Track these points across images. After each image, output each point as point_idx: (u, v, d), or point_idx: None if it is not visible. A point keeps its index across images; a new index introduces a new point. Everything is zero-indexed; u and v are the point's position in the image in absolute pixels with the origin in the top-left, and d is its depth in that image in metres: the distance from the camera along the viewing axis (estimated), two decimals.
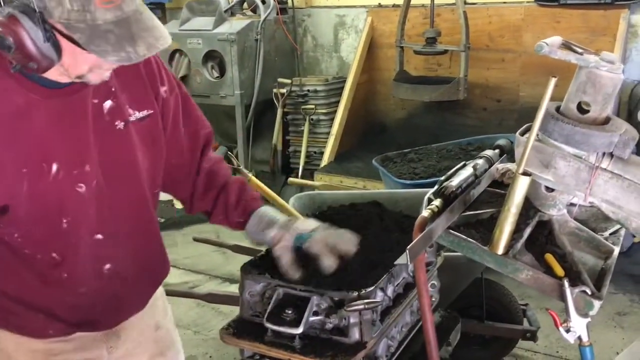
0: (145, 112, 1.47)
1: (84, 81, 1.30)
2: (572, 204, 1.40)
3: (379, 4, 5.17)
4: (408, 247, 1.15)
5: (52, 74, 1.26)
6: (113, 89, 1.42)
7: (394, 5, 4.99)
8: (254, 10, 5.38)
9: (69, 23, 1.15)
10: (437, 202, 1.35)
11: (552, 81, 1.15)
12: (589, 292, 1.19)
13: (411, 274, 1.63)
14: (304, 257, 1.51)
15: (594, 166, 1.25)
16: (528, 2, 4.52)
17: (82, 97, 1.37)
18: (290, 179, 4.70)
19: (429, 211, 1.31)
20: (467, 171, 1.50)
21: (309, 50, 5.74)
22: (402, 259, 1.16)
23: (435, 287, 1.82)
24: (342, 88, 5.03)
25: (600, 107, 1.26)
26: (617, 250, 1.36)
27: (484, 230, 1.35)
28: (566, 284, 1.18)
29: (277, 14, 5.30)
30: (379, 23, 5.08)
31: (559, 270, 1.23)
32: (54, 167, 1.34)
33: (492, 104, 4.75)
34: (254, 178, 2.10)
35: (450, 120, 4.83)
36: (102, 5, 1.16)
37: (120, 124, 1.42)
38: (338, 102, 4.99)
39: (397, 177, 3.60)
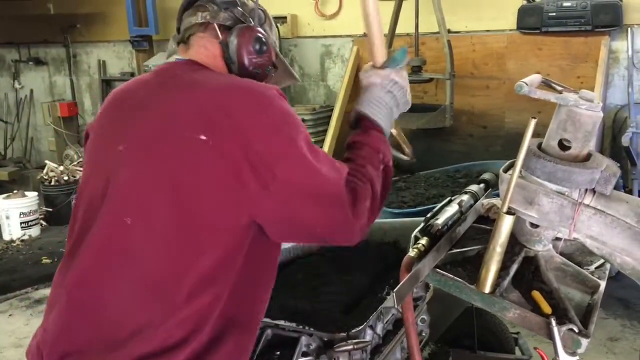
0: None
1: None
2: (557, 238, 1.40)
3: (365, 33, 5.22)
4: (395, 289, 1.15)
5: None
6: None
7: None
8: None
9: (275, 43, 1.43)
10: (423, 240, 1.36)
11: (532, 122, 1.17)
12: (576, 330, 1.19)
13: (400, 309, 1.63)
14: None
15: (577, 202, 1.27)
16: (511, 30, 4.59)
17: None
18: None
19: (416, 250, 1.32)
20: (453, 208, 1.51)
21: None
22: (389, 302, 1.16)
23: (425, 322, 1.82)
24: (329, 117, 5.06)
25: (581, 144, 1.28)
26: (603, 285, 1.36)
27: (471, 267, 1.35)
28: (553, 322, 1.18)
29: None
30: (365, 52, 5.12)
31: (546, 308, 1.24)
32: None
33: (478, 130, 4.79)
34: None
35: (437, 147, 4.86)
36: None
37: None
38: (326, 130, 5.00)
39: (385, 206, 3.61)
